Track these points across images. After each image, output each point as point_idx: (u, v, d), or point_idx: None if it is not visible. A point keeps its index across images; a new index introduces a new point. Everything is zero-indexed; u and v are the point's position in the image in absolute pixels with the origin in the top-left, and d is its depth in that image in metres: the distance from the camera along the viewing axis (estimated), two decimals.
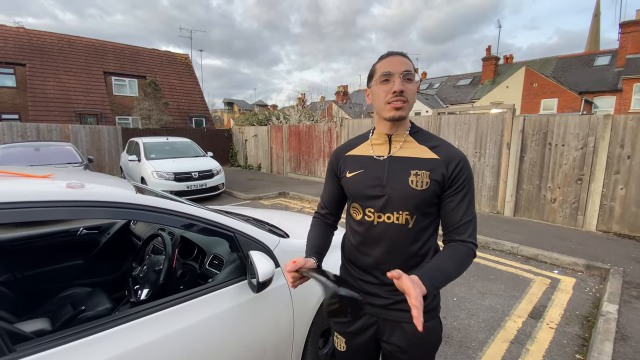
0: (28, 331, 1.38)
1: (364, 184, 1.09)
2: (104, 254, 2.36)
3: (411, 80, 1.03)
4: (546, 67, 21.69)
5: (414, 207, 1.03)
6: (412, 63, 1.05)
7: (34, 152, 6.49)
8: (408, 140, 1.09)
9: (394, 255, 1.06)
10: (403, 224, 1.04)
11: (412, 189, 1.02)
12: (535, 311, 2.99)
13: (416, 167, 1.04)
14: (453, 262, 0.98)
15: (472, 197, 1.05)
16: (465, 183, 1.03)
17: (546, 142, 5.49)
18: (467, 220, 1.03)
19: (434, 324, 1.11)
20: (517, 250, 4.42)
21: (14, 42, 15.62)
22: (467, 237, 1.02)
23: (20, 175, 1.23)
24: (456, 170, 1.02)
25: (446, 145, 1.08)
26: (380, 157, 1.09)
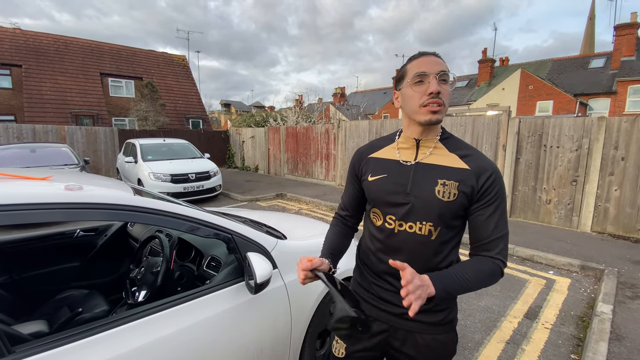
0: (26, 333, 1.38)
1: (386, 190, 1.03)
2: (101, 256, 2.36)
3: (446, 82, 0.96)
4: (542, 70, 21.88)
5: (439, 219, 0.97)
6: (445, 63, 0.98)
7: (29, 154, 6.46)
8: (438, 146, 1.02)
9: (413, 265, 0.94)
10: (426, 235, 0.99)
11: (439, 200, 0.96)
12: (531, 311, 3.02)
13: (444, 177, 0.97)
14: (474, 272, 0.94)
15: (504, 211, 0.99)
16: (497, 196, 0.97)
17: (541, 144, 5.54)
18: (497, 236, 0.97)
19: (447, 337, 1.07)
20: (513, 251, 4.45)
21: (10, 43, 15.54)
22: (496, 253, 0.96)
23: (20, 177, 1.24)
24: (487, 183, 0.96)
25: (478, 155, 1.01)
26: (407, 162, 1.03)
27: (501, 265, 0.97)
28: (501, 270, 0.97)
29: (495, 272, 0.96)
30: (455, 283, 0.91)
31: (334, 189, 9.09)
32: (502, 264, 0.97)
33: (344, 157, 9.20)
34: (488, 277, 0.95)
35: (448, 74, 0.95)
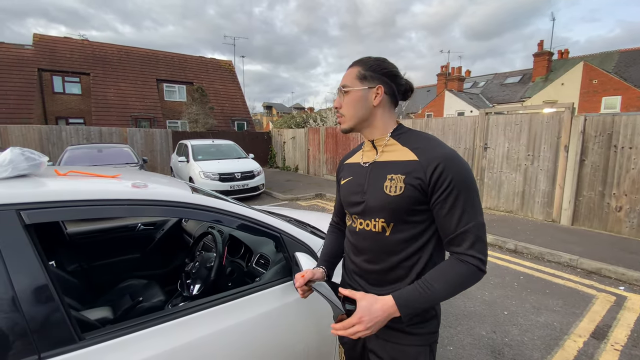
0: (93, 319, 1.50)
1: (349, 191, 1.08)
2: (158, 249, 2.52)
3: (348, 91, 1.01)
4: (607, 62, 19.75)
5: (390, 214, 0.96)
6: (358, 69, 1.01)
7: (96, 153, 7.15)
8: (390, 143, 1.02)
9: (375, 265, 1.01)
10: (380, 232, 0.98)
11: (386, 195, 0.95)
12: (598, 331, 2.71)
13: (392, 171, 0.96)
14: (443, 280, 0.88)
15: (469, 202, 0.90)
16: (453, 186, 0.88)
17: (611, 144, 4.97)
18: (462, 229, 0.89)
19: (416, 351, 0.99)
20: (577, 263, 4.04)
21: (79, 53, 17.37)
22: (465, 249, 0.89)
23: (93, 175, 1.35)
24: (436, 173, 0.89)
25: (432, 145, 0.95)
26: (366, 163, 1.06)
27: (475, 263, 0.88)
28: (477, 268, 0.88)
29: (469, 273, 0.88)
30: (422, 298, 0.88)
31: None
32: (476, 260, 0.88)
33: None
34: (462, 280, 0.89)
35: (346, 85, 1.02)
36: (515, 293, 3.36)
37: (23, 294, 0.91)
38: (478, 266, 0.88)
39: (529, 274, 3.86)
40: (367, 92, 1.00)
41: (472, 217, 0.89)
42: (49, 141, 10.79)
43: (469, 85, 27.11)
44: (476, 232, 0.89)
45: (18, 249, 0.93)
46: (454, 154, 0.93)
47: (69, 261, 2.24)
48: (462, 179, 0.90)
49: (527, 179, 5.95)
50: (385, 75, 1.01)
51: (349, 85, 1.01)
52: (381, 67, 1.00)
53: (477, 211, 0.91)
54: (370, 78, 1.00)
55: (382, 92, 1.00)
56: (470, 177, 0.92)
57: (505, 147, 6.19)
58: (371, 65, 1.00)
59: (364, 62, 1.02)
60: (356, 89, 1.00)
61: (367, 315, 0.87)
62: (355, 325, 0.87)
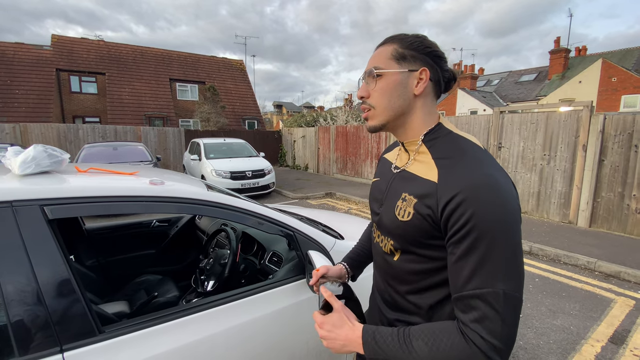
0: (110, 312, 1.54)
1: (372, 195, 0.93)
2: (172, 245, 2.56)
3: (381, 75, 0.76)
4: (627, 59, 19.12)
5: (398, 239, 0.78)
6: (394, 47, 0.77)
7: (112, 151, 7.31)
8: (421, 151, 0.79)
9: (387, 286, 0.86)
10: (388, 254, 0.83)
11: (394, 217, 0.77)
12: (617, 335, 2.63)
13: (409, 189, 0.76)
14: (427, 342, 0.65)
15: (497, 254, 0.62)
16: (471, 226, 0.62)
17: (632, 144, 4.82)
18: (471, 292, 0.63)
19: None
20: (595, 266, 3.93)
21: (95, 53, 17.79)
22: (470, 321, 0.63)
23: (112, 172, 1.38)
24: (451, 206, 0.65)
25: (464, 163, 0.69)
26: (397, 168, 0.86)
27: (478, 344, 0.61)
28: (480, 351, 0.60)
29: (467, 354, 0.61)
30: (394, 350, 0.68)
31: None
32: (482, 341, 0.61)
33: None
34: (453, 355, 0.63)
35: (372, 69, 0.77)
36: (531, 296, 3.29)
37: (46, 287, 0.93)
38: (484, 351, 0.60)
39: (545, 276, 3.78)
40: (407, 77, 0.76)
41: (490, 281, 0.62)
42: (67, 139, 11.08)
43: (482, 83, 26.65)
44: (493, 303, 0.61)
45: (42, 243, 0.96)
46: (490, 181, 0.65)
47: (87, 256, 2.30)
48: (491, 220, 0.62)
49: (543, 179, 5.82)
50: (430, 55, 0.77)
51: (382, 67, 0.76)
52: (424, 45, 0.76)
53: (505, 275, 0.62)
54: (412, 58, 0.76)
55: (427, 77, 0.76)
56: (506, 221, 0.63)
57: (521, 146, 6.07)
58: (412, 42, 0.76)
59: (401, 39, 0.77)
60: (392, 71, 0.76)
61: (328, 326, 0.77)
62: (316, 325, 0.79)
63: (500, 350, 0.61)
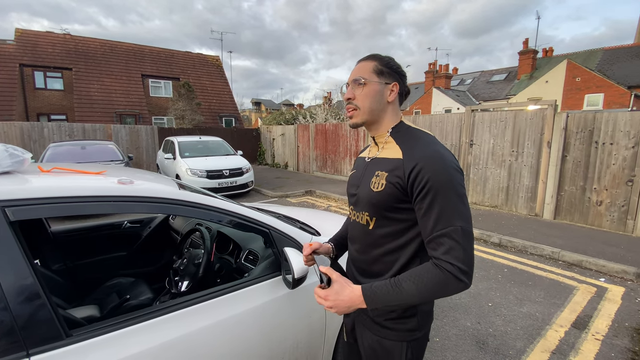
0: (79, 317, 1.48)
1: (350, 183, 1.15)
2: (145, 247, 2.50)
3: (362, 83, 1.00)
4: (591, 60, 20.26)
5: (372, 209, 1.00)
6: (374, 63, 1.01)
7: (80, 150, 6.97)
8: (388, 141, 1.04)
9: (362, 255, 1.07)
10: (364, 225, 1.04)
11: (370, 189, 1.00)
12: (580, 321, 2.81)
13: (380, 168, 1.00)
14: (413, 282, 0.86)
15: (450, 202, 0.86)
16: (430, 185, 0.86)
17: (592, 140, 5.13)
18: (438, 232, 0.85)
19: (392, 346, 1.00)
20: (559, 256, 4.17)
21: (61, 47, 16.85)
22: (441, 254, 0.84)
23: (77, 172, 1.33)
24: (414, 173, 0.88)
25: (419, 143, 0.95)
26: (369, 159, 1.10)
27: (450, 270, 0.82)
28: (453, 276, 0.82)
29: (443, 279, 0.83)
30: (389, 296, 0.88)
31: None
32: (452, 267, 0.82)
33: None
34: (434, 285, 0.84)
35: (361, 77, 1.00)
36: (500, 285, 3.45)
37: (10, 291, 0.89)
38: (454, 274, 0.82)
39: (513, 266, 3.97)
40: (383, 87, 1.01)
41: (450, 221, 0.85)
42: (31, 138, 10.46)
43: (456, 82, 27.44)
44: (455, 237, 0.84)
45: (3, 245, 0.92)
46: (437, 153, 0.90)
47: (54, 260, 2.20)
48: (441, 179, 0.86)
49: (512, 174, 6.09)
50: (399, 74, 1.03)
51: (367, 77, 1.00)
52: (396, 66, 1.03)
53: (458, 215, 0.86)
54: (387, 74, 1.01)
55: (397, 89, 1.02)
56: (452, 179, 0.87)
57: (491, 143, 6.32)
58: (387, 61, 1.02)
59: (380, 58, 1.03)
60: (374, 81, 1.00)
61: (333, 295, 0.93)
62: (321, 299, 0.96)
63: (465, 272, 0.83)
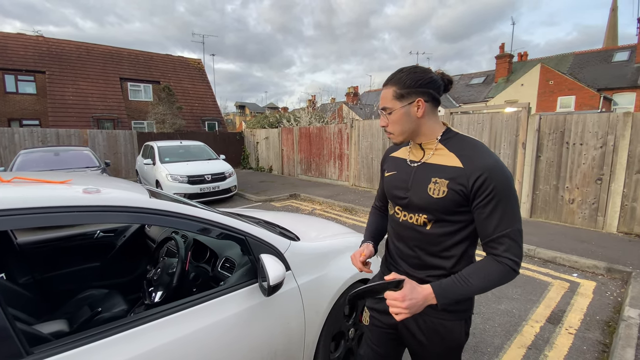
0: (46, 332, 1.42)
1: (393, 184, 1.19)
2: (120, 256, 2.42)
3: (391, 112, 1.09)
4: (563, 64, 21.14)
5: (431, 213, 1.07)
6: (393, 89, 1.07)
7: (53, 157, 6.70)
8: (439, 147, 1.10)
9: (415, 251, 1.14)
10: (421, 226, 1.10)
11: (429, 196, 1.06)
12: (554, 316, 2.91)
13: (437, 175, 1.06)
14: (479, 276, 0.98)
15: (509, 208, 0.99)
16: (494, 194, 0.97)
17: (563, 141, 5.35)
18: (500, 233, 0.98)
19: (454, 325, 1.12)
20: (534, 253, 4.31)
21: (33, 50, 16.22)
22: (502, 251, 0.98)
23: (40, 181, 1.27)
24: (479, 181, 0.98)
25: (478, 153, 1.03)
26: (413, 162, 1.16)
27: (510, 264, 0.97)
28: (511, 269, 0.98)
29: (504, 272, 0.98)
30: (458, 290, 0.98)
31: (347, 189, 9.04)
32: (511, 262, 0.97)
33: (357, 157, 9.14)
34: (496, 278, 0.99)
35: (388, 107, 1.09)
36: None
37: None
38: (512, 267, 0.97)
39: None
40: (408, 108, 1.07)
41: (510, 224, 0.98)
42: (0, 144, 10.01)
43: None
44: (513, 237, 0.98)
45: None
46: (498, 164, 1.00)
47: (21, 273, 2.10)
48: (503, 188, 0.98)
49: None
50: (422, 86, 1.05)
51: (390, 106, 1.08)
52: (416, 80, 1.05)
53: (516, 218, 0.99)
54: (408, 95, 1.06)
55: (423, 103, 1.06)
56: (511, 187, 1.00)
57: None
58: (406, 82, 1.05)
59: (398, 81, 1.07)
60: (397, 108, 1.07)
61: (409, 294, 0.95)
62: (397, 301, 0.95)
63: (519, 265, 0.99)
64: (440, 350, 1.14)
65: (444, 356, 1.15)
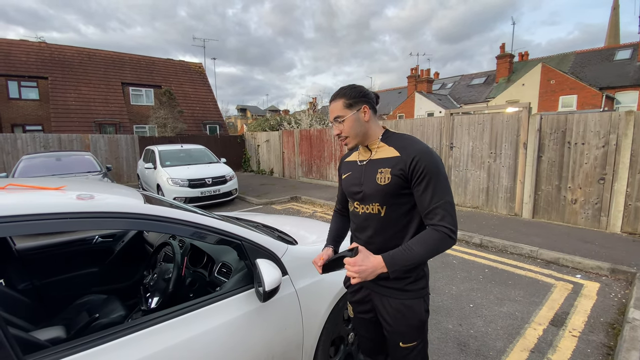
0: (43, 339, 1.41)
1: (350, 183, 1.37)
2: (118, 262, 2.41)
3: (342, 121, 1.28)
4: (564, 63, 21.07)
5: (382, 199, 1.24)
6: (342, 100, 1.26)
7: (55, 162, 6.73)
8: (380, 145, 1.30)
9: (376, 238, 1.29)
10: (376, 213, 1.27)
11: (377, 184, 1.24)
12: (557, 318, 2.87)
13: (382, 166, 1.25)
14: (421, 244, 1.14)
15: (441, 184, 1.16)
16: (426, 172, 1.16)
17: (565, 140, 5.31)
18: (435, 205, 1.15)
19: (413, 303, 1.27)
20: (537, 254, 4.27)
21: (36, 56, 16.35)
22: (438, 221, 1.14)
23: (33, 188, 1.27)
24: (413, 163, 1.17)
25: (410, 143, 1.23)
26: (362, 161, 1.34)
27: (445, 231, 1.13)
28: (447, 235, 1.13)
29: (440, 239, 1.13)
30: (404, 256, 1.13)
31: None
32: (447, 229, 1.13)
33: None
34: (435, 244, 1.13)
35: (341, 116, 1.27)
36: (481, 286, 3.50)
37: None
38: (448, 234, 1.13)
39: (493, 266, 4.04)
40: (357, 114, 1.27)
41: (442, 197, 1.15)
42: (3, 150, 10.07)
43: (437, 86, 28.02)
44: (446, 208, 1.15)
45: None
46: (427, 149, 1.21)
47: (20, 279, 2.10)
48: (432, 167, 1.17)
49: (491, 175, 6.23)
50: (363, 96, 1.28)
51: (342, 115, 1.27)
52: (359, 92, 1.28)
53: (445, 192, 1.17)
54: (355, 104, 1.27)
55: (368, 109, 1.28)
56: (440, 166, 1.19)
57: (470, 146, 6.45)
58: (351, 94, 1.27)
59: (344, 94, 1.27)
60: (349, 116, 1.27)
61: (360, 262, 1.13)
62: (350, 265, 1.14)
63: (454, 232, 1.15)
64: (405, 329, 1.28)
65: (409, 334, 1.28)
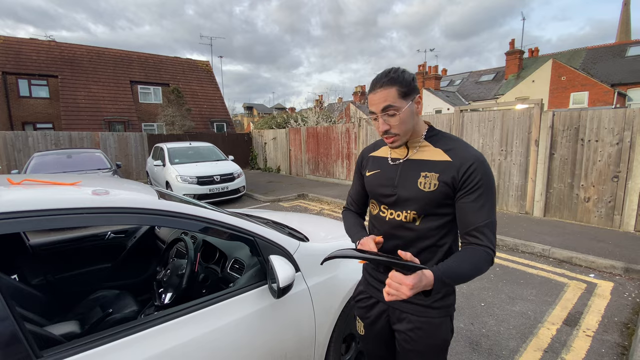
0: (58, 334, 1.42)
1: (377, 183, 1.18)
2: (131, 257, 2.43)
3: (394, 114, 1.03)
4: (575, 59, 20.69)
5: (421, 207, 1.07)
6: (396, 88, 1.02)
7: (66, 159, 6.82)
8: (423, 144, 1.12)
9: (406, 249, 1.07)
10: (410, 222, 1.10)
11: (419, 190, 1.06)
12: (571, 318, 2.82)
13: (426, 170, 1.07)
14: (469, 263, 0.98)
15: (490, 200, 1.02)
16: (480, 184, 1.01)
17: (578, 138, 5.21)
18: (482, 223, 1.00)
19: (441, 321, 1.13)
20: (549, 253, 4.20)
21: (46, 55, 16.57)
22: (486, 241, 1.00)
23: (50, 183, 1.27)
24: (468, 172, 1.01)
25: (462, 147, 1.07)
26: (397, 159, 1.16)
27: (492, 255, 1.00)
28: (492, 258, 1.01)
29: (487, 260, 1.00)
30: (456, 278, 0.96)
31: None
32: (492, 251, 1.00)
33: None
34: (482, 266, 1.00)
35: (394, 105, 1.02)
36: (492, 284, 3.45)
37: None
38: (492, 255, 1.01)
39: (505, 265, 3.98)
40: (412, 106, 1.06)
41: (490, 215, 1.02)
42: (15, 148, 10.24)
43: (445, 83, 27.74)
44: (492, 228, 1.02)
45: None
46: (482, 156, 1.05)
47: (33, 274, 2.13)
48: (488, 180, 1.02)
49: (502, 173, 6.14)
50: (415, 82, 1.06)
51: (398, 106, 1.03)
52: (412, 78, 1.05)
53: (494, 210, 1.04)
54: (410, 92, 1.04)
55: (420, 99, 1.08)
56: (493, 179, 1.05)
57: (480, 142, 6.37)
58: (406, 79, 1.03)
59: (398, 80, 1.03)
60: (405, 107, 1.03)
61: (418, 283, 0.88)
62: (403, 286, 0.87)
63: (494, 251, 1.01)
64: (424, 348, 1.12)
65: (428, 354, 1.14)
